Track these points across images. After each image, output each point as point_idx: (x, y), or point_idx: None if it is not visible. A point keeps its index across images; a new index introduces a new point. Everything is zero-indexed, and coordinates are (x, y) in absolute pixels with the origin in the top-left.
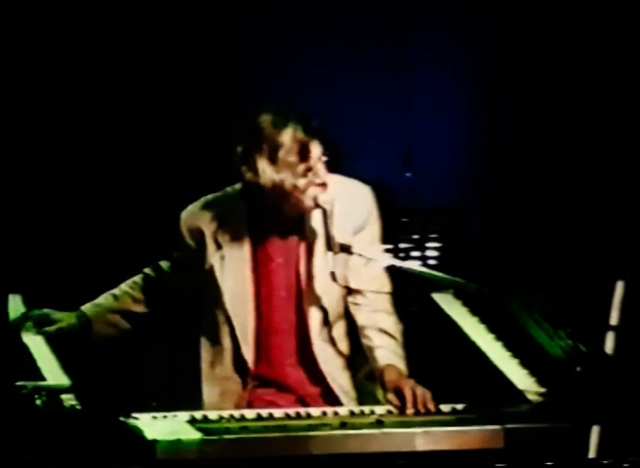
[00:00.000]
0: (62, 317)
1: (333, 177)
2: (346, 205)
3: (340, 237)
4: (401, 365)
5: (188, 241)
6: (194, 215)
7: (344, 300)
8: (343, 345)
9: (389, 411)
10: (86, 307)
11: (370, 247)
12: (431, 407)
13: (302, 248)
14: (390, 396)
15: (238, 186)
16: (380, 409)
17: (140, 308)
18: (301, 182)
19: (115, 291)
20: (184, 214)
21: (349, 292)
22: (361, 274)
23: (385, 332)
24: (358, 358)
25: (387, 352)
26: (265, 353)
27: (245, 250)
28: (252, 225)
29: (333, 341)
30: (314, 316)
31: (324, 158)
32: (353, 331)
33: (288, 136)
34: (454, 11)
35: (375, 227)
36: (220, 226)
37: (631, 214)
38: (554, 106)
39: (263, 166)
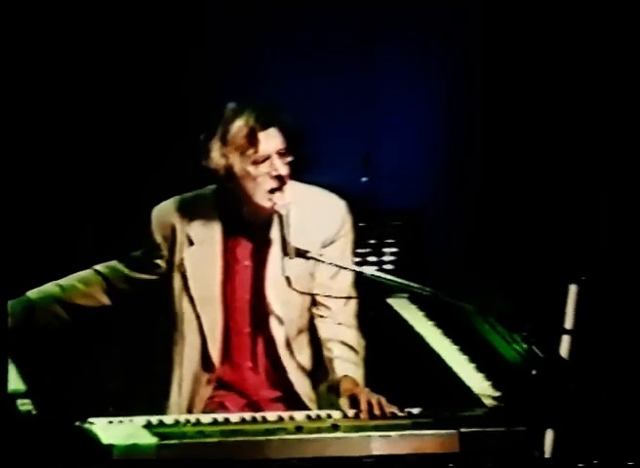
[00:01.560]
0: (10, 307)
1: (308, 188)
2: (318, 216)
3: (309, 247)
4: (358, 376)
5: (156, 236)
6: (167, 212)
7: (309, 312)
8: (305, 357)
9: (345, 416)
10: (32, 292)
11: (338, 259)
12: (387, 411)
13: (271, 253)
14: (343, 402)
15: (212, 187)
16: (336, 414)
17: (85, 301)
18: (252, 169)
19: (62, 281)
20: (157, 210)
21: (314, 303)
22: (327, 287)
23: (346, 345)
24: (320, 371)
25: (346, 363)
26: (228, 353)
27: (215, 248)
28: (224, 225)
29: (291, 351)
30: (274, 323)
31: (283, 153)
32: (317, 343)
33: (240, 121)
34: (422, 12)
35: (345, 241)
36: (192, 223)
37: (587, 218)
38: (519, 109)
39: (215, 148)
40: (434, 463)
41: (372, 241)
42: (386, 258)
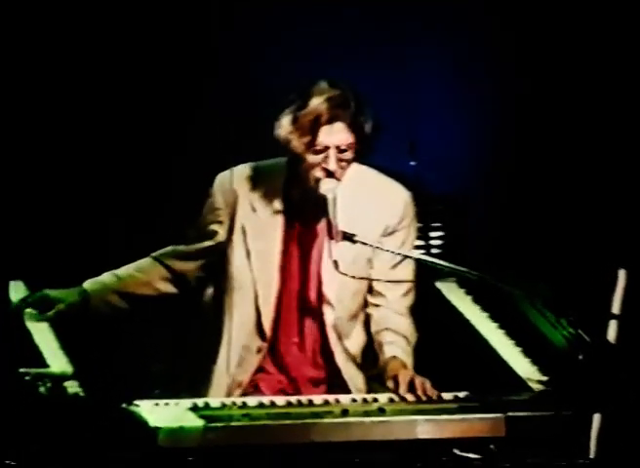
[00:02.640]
0: (62, 296)
1: (375, 175)
2: (381, 204)
3: (367, 233)
4: (407, 360)
5: (217, 200)
6: (233, 178)
7: (364, 299)
8: (355, 344)
9: (392, 400)
10: (87, 284)
11: (396, 248)
12: (431, 394)
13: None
14: (389, 383)
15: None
16: (382, 398)
17: (143, 291)
18: (307, 155)
19: (119, 271)
20: (222, 176)
21: (370, 291)
22: (385, 275)
23: (398, 333)
24: (370, 361)
25: (395, 347)
26: (279, 326)
27: (278, 220)
28: (289, 198)
29: (340, 334)
30: (325, 304)
31: (343, 150)
32: (369, 333)
33: (313, 104)
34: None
35: (407, 232)
36: (257, 192)
37: (634, 204)
38: (560, 97)
39: (285, 120)
40: (480, 447)
41: (419, 225)
42: (433, 242)
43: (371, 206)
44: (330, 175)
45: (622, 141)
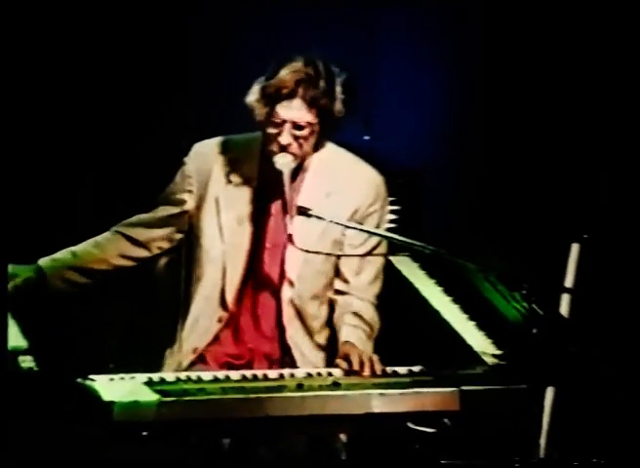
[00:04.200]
0: (17, 271)
1: (349, 156)
2: (352, 185)
3: (336, 212)
4: (361, 344)
5: (190, 168)
6: (209, 148)
7: (328, 279)
8: (317, 323)
9: (347, 374)
10: (44, 261)
11: (361, 233)
12: (377, 369)
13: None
14: (339, 360)
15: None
16: (337, 372)
17: (100, 266)
18: (267, 125)
19: (76, 248)
20: (198, 145)
21: (337, 275)
22: (352, 262)
23: (359, 316)
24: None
25: (352, 331)
26: (242, 298)
27: (251, 192)
28: (262, 171)
29: (298, 311)
30: (285, 281)
31: (299, 126)
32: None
33: (282, 74)
34: None
35: (378, 216)
36: (233, 164)
37: (589, 178)
38: (524, 65)
39: (255, 87)
40: (434, 421)
41: None
42: (388, 216)
43: (341, 187)
44: (282, 148)
45: (581, 117)
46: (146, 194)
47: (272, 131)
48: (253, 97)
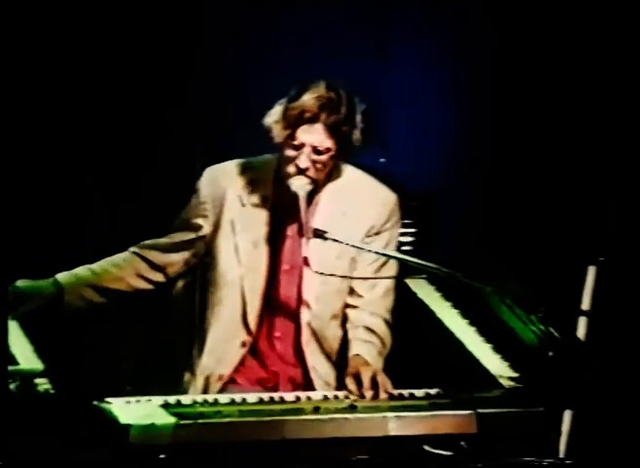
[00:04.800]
0: (35, 288)
1: (362, 176)
2: (367, 204)
3: (351, 233)
4: (371, 358)
5: (203, 193)
6: (222, 172)
7: (346, 298)
8: (334, 343)
9: (347, 397)
10: (63, 276)
11: (378, 248)
12: (388, 390)
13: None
14: (348, 380)
15: (273, 156)
16: (353, 395)
17: (118, 286)
18: (285, 148)
19: (94, 265)
20: (211, 169)
21: (350, 291)
22: (366, 276)
23: (371, 331)
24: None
25: (362, 345)
26: (263, 322)
27: (266, 214)
28: (277, 193)
29: (315, 334)
30: (304, 303)
31: (318, 151)
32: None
33: (304, 99)
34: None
35: (390, 234)
36: (247, 186)
37: (604, 200)
38: (535, 91)
39: (276, 109)
40: (451, 444)
41: None
42: (404, 239)
43: (356, 206)
44: (300, 171)
45: (594, 141)
46: (157, 205)
47: (291, 153)
48: (273, 118)
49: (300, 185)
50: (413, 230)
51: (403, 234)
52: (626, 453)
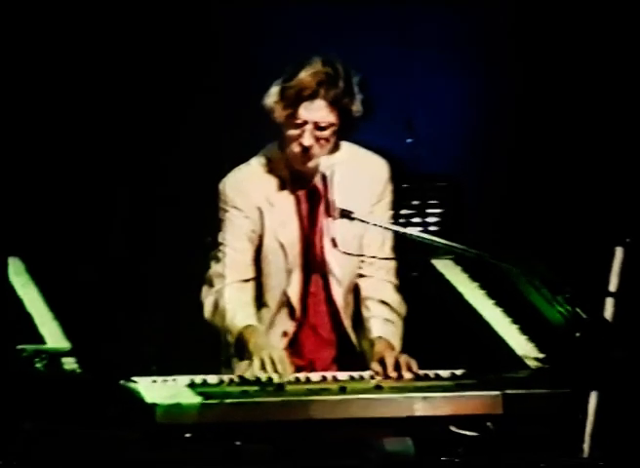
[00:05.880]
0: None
1: (353, 148)
2: (365, 176)
3: (358, 208)
4: (396, 336)
5: (237, 204)
6: (240, 176)
7: (356, 270)
8: (349, 313)
9: (373, 378)
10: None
11: (382, 218)
12: (413, 373)
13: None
14: (374, 365)
15: (271, 145)
16: (379, 377)
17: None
18: (287, 128)
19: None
20: (229, 180)
21: (361, 261)
22: (372, 246)
23: (385, 304)
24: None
25: (382, 322)
26: (304, 312)
27: (292, 205)
28: (292, 180)
29: (346, 309)
30: (334, 283)
31: (321, 127)
32: (358, 301)
33: (302, 76)
34: None
35: (387, 201)
36: (265, 181)
37: (631, 181)
38: (556, 77)
39: (274, 89)
40: (478, 424)
41: (415, 202)
42: (430, 220)
43: (356, 178)
44: (305, 150)
45: (619, 121)
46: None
47: (293, 132)
48: (272, 98)
49: (327, 166)
50: (439, 211)
51: (430, 215)
52: None
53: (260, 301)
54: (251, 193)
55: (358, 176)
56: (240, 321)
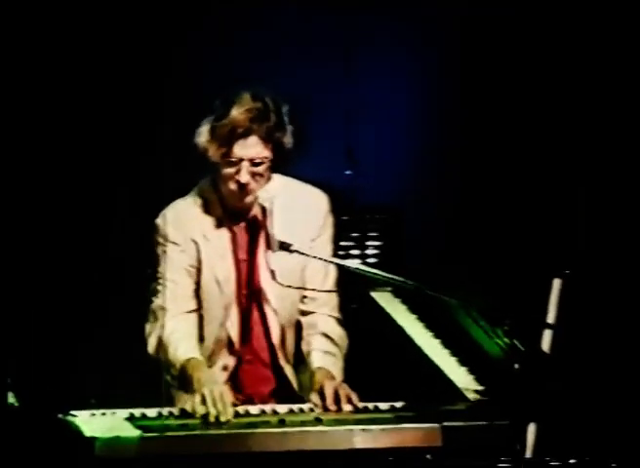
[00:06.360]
0: None
1: (292, 181)
2: (304, 210)
3: (298, 241)
4: (337, 369)
5: (171, 235)
6: (177, 211)
7: (297, 305)
8: (290, 348)
9: (312, 410)
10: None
11: (323, 252)
12: (355, 404)
13: (261, 245)
14: (313, 395)
15: (205, 180)
16: (319, 408)
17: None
18: (222, 166)
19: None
20: (167, 214)
21: (303, 297)
22: (315, 280)
23: (327, 336)
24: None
25: (323, 355)
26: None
27: (227, 238)
28: (227, 215)
29: (283, 342)
30: (270, 315)
31: (257, 163)
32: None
33: (233, 113)
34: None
35: (328, 234)
36: (200, 217)
37: (571, 213)
38: (497, 107)
39: (205, 128)
40: (416, 457)
41: (355, 234)
42: (369, 252)
43: (295, 212)
44: (242, 187)
45: (561, 151)
46: None
47: (229, 170)
48: (204, 137)
49: (266, 198)
50: (379, 243)
51: (369, 247)
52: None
53: (200, 334)
54: (188, 228)
55: (297, 209)
56: (183, 353)
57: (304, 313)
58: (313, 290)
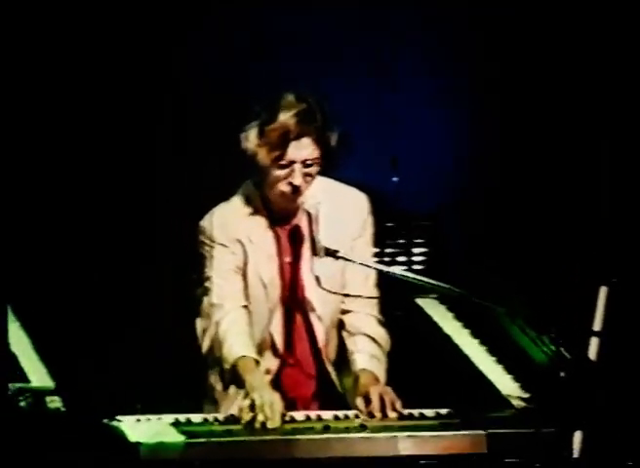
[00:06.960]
0: None
1: (332, 183)
2: (345, 212)
3: (340, 244)
4: (380, 370)
5: (218, 237)
6: (223, 213)
7: (339, 305)
8: (332, 349)
9: (357, 416)
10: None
11: (364, 253)
12: (398, 409)
13: (305, 250)
14: (359, 401)
15: (249, 182)
16: (363, 414)
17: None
18: (273, 169)
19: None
20: (211, 219)
21: (345, 296)
22: (356, 282)
23: (370, 338)
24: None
25: (367, 356)
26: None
27: (271, 242)
28: (270, 218)
29: (327, 345)
30: (315, 320)
31: (309, 164)
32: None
33: (282, 118)
34: (442, 19)
35: (369, 234)
36: (245, 220)
37: (617, 220)
38: (540, 112)
39: (252, 133)
40: (462, 464)
41: (401, 241)
42: (415, 258)
43: (336, 215)
44: (295, 189)
45: (608, 158)
46: None
47: (281, 172)
48: (252, 142)
49: (312, 205)
50: (424, 250)
51: (415, 254)
52: None
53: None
54: (234, 230)
55: (338, 211)
56: (237, 351)
57: (346, 312)
58: (358, 296)
